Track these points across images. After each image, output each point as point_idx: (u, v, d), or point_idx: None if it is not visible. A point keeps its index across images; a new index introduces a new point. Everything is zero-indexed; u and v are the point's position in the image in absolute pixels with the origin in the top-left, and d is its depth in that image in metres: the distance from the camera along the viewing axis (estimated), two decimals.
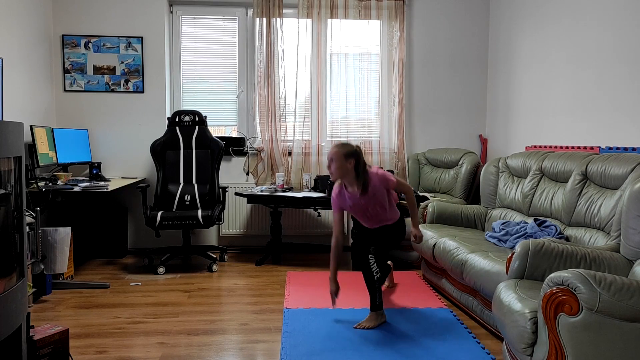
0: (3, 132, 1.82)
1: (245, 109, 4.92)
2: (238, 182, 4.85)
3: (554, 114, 3.88)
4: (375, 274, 2.94)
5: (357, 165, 2.92)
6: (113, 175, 4.70)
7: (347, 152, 2.90)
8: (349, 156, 2.89)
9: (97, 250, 4.54)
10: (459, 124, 5.05)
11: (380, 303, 2.96)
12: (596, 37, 3.37)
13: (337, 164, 2.91)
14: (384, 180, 2.96)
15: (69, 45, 4.58)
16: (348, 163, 2.90)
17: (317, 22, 4.73)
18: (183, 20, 4.83)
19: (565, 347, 1.77)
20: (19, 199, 2.00)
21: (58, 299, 3.41)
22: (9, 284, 1.90)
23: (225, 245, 4.87)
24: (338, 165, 2.91)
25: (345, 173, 2.92)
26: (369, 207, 3.02)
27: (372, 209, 3.03)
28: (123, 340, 2.73)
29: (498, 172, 3.82)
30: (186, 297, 3.46)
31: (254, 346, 2.66)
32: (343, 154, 2.90)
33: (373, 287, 2.94)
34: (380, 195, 2.98)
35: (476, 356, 2.51)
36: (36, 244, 3.27)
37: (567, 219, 2.97)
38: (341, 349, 2.59)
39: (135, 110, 4.69)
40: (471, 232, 3.55)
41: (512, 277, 2.37)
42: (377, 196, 2.98)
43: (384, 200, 3.01)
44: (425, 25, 4.95)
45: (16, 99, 3.91)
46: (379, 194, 2.97)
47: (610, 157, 2.77)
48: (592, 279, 1.76)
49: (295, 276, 3.92)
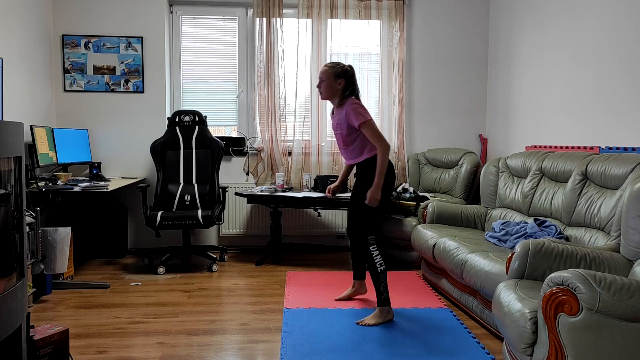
0: (3, 132, 1.82)
1: (245, 109, 4.92)
2: (238, 182, 4.85)
3: (554, 114, 3.88)
4: (379, 265, 2.83)
5: (346, 86, 2.84)
6: (113, 175, 4.70)
7: (338, 72, 2.83)
8: (339, 76, 2.82)
9: (97, 250, 4.54)
10: (459, 124, 5.05)
11: (385, 298, 2.86)
12: (596, 37, 3.37)
13: (327, 82, 2.85)
14: (349, 113, 2.80)
15: (69, 45, 4.58)
16: (337, 83, 2.83)
17: (317, 22, 4.73)
18: (183, 20, 4.83)
19: (565, 347, 1.77)
20: (19, 199, 2.00)
21: (58, 299, 3.41)
22: (9, 284, 1.90)
23: (225, 245, 4.87)
24: (327, 84, 2.85)
25: (334, 93, 2.85)
26: (337, 135, 2.92)
27: (338, 139, 2.93)
28: (123, 340, 2.73)
29: (498, 172, 3.82)
30: (186, 297, 3.46)
31: (254, 346, 2.66)
32: (333, 74, 2.83)
33: (377, 280, 2.84)
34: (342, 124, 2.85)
35: (476, 356, 2.51)
36: (36, 244, 3.28)
37: (567, 219, 2.97)
38: (341, 349, 2.59)
39: (135, 110, 4.69)
40: (471, 232, 3.55)
41: (512, 277, 2.37)
42: (342, 126, 2.86)
43: (346, 134, 2.85)
44: (425, 25, 4.95)
45: (16, 99, 3.91)
46: (343, 125, 2.85)
47: (610, 157, 2.77)
48: (592, 279, 1.76)
49: (295, 276, 3.92)
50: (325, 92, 2.88)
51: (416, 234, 3.67)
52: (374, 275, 2.87)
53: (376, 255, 2.84)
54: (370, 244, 2.86)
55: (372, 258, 2.84)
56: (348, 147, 2.92)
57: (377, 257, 2.84)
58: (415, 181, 4.84)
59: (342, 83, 2.85)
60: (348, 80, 2.86)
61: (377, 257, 2.84)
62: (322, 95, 2.90)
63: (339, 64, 2.88)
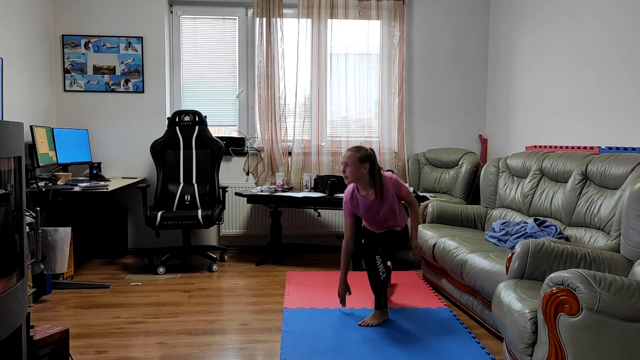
0: (3, 132, 1.82)
1: (245, 109, 4.92)
2: (238, 182, 4.85)
3: (554, 114, 3.88)
4: (382, 274, 2.95)
5: (372, 169, 2.96)
6: (113, 175, 4.70)
7: (362, 156, 2.93)
8: (364, 160, 2.93)
9: (97, 250, 4.54)
10: (459, 124, 5.05)
11: (385, 302, 2.98)
12: (596, 37, 3.37)
13: (352, 167, 2.94)
14: (397, 185, 3.02)
15: (69, 45, 4.58)
16: (363, 167, 2.93)
17: (317, 22, 4.73)
18: (183, 20, 4.83)
19: (565, 347, 1.77)
20: (19, 199, 2.00)
21: (58, 299, 3.41)
22: (9, 284, 1.90)
23: (225, 245, 4.87)
24: (353, 169, 2.94)
25: (360, 177, 2.96)
26: (380, 212, 3.06)
27: (384, 214, 3.07)
28: (123, 340, 2.73)
29: (498, 172, 3.82)
30: (186, 297, 3.46)
31: (254, 346, 2.66)
32: (358, 158, 2.92)
33: (379, 288, 2.96)
34: (392, 200, 3.02)
35: (476, 356, 2.51)
36: (36, 244, 3.28)
37: (567, 219, 2.97)
38: (341, 349, 2.59)
39: (135, 110, 4.69)
40: (471, 232, 3.55)
41: (512, 277, 2.37)
42: (390, 201, 3.02)
43: (394, 206, 3.05)
44: (425, 25, 4.95)
45: (16, 99, 3.91)
46: (391, 199, 3.01)
47: (610, 157, 2.77)
48: (592, 279, 1.76)
49: (295, 276, 3.92)
50: (351, 176, 2.97)
51: None
52: (376, 282, 2.97)
53: (379, 265, 2.97)
54: (377, 254, 2.98)
55: (377, 267, 2.96)
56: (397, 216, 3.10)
57: (380, 267, 2.97)
58: (415, 181, 4.84)
59: (367, 167, 2.95)
60: (372, 163, 2.97)
61: (380, 267, 2.97)
62: (348, 180, 2.99)
63: (363, 148, 2.98)
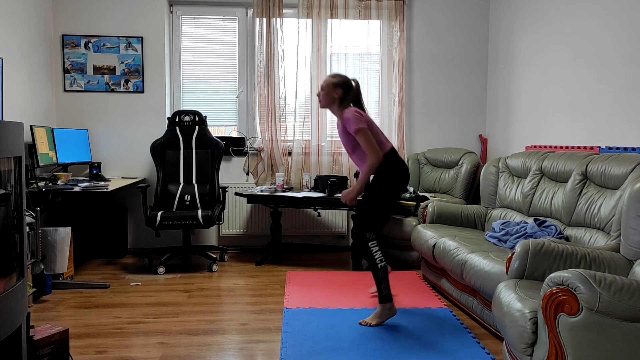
0: (3, 132, 1.82)
1: (245, 109, 4.92)
2: (238, 182, 4.85)
3: (554, 114, 3.88)
4: (379, 262, 2.83)
5: (344, 96, 2.93)
6: (113, 175, 4.70)
7: (337, 82, 2.93)
8: (338, 85, 2.92)
9: (97, 250, 4.54)
10: (459, 124, 5.05)
11: (387, 294, 2.85)
12: (596, 37, 3.37)
13: (325, 91, 2.95)
14: (347, 119, 2.84)
15: (69, 45, 4.58)
16: (335, 92, 2.92)
17: (317, 22, 4.73)
18: (183, 20, 4.83)
19: (565, 347, 1.77)
20: (19, 199, 2.00)
21: (58, 299, 3.41)
22: (9, 284, 1.90)
23: (225, 245, 4.87)
24: (325, 92, 2.95)
25: (331, 102, 2.95)
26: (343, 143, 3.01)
27: (345, 147, 3.02)
28: (123, 340, 2.73)
29: (498, 172, 3.82)
30: (186, 297, 3.46)
31: (254, 346, 2.66)
32: (332, 83, 2.93)
33: (377, 276, 2.84)
34: (344, 135, 2.95)
35: (476, 356, 2.51)
36: (36, 244, 3.28)
37: (567, 219, 2.97)
38: (341, 348, 2.59)
39: (135, 110, 4.69)
40: (471, 232, 3.55)
41: (512, 277, 2.37)
42: (342, 135, 2.97)
43: (349, 144, 2.96)
44: (425, 25, 4.95)
45: (16, 99, 3.91)
46: (342, 134, 2.96)
47: (610, 157, 2.77)
48: (592, 279, 1.76)
49: (295, 276, 3.92)
50: (323, 100, 2.98)
51: (416, 234, 3.67)
52: (374, 271, 2.86)
53: (376, 252, 2.85)
54: (369, 239, 2.86)
55: (372, 254, 2.85)
56: (354, 153, 3.00)
57: (376, 253, 2.84)
58: (415, 181, 4.84)
59: (340, 93, 2.93)
60: (346, 90, 2.94)
61: (376, 253, 2.84)
62: (321, 103, 3.00)
63: (343, 76, 2.97)
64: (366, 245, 2.86)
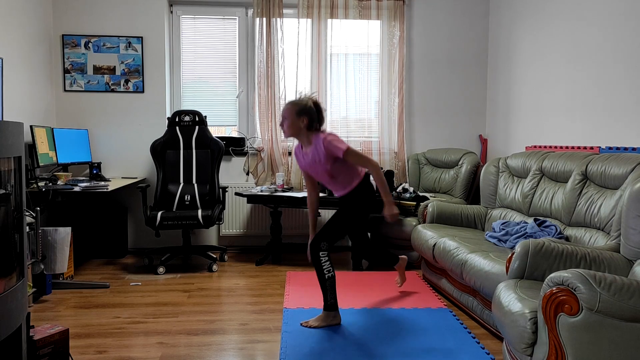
0: (3, 132, 1.82)
1: (245, 109, 4.92)
2: (238, 182, 4.85)
3: (554, 114, 3.88)
4: (327, 272, 2.81)
5: (310, 124, 2.77)
6: (113, 175, 4.70)
7: (300, 109, 2.75)
8: (301, 113, 2.75)
9: (97, 250, 4.54)
10: (459, 124, 5.05)
11: (332, 303, 2.85)
12: (596, 37, 3.37)
13: (289, 120, 2.78)
14: (329, 147, 2.73)
15: (69, 45, 4.58)
16: (300, 121, 2.76)
17: (317, 22, 4.73)
18: (183, 20, 4.83)
19: (565, 347, 1.77)
20: (19, 199, 2.00)
21: (58, 299, 3.41)
22: (9, 284, 1.90)
23: (225, 245, 4.87)
24: (290, 122, 2.78)
25: (298, 131, 2.78)
26: (318, 172, 2.86)
27: (321, 176, 2.87)
28: (123, 340, 2.73)
29: (498, 172, 3.82)
30: (186, 297, 3.46)
31: (254, 346, 2.66)
32: (296, 111, 2.75)
33: (324, 286, 2.83)
34: (326, 161, 2.78)
35: (476, 356, 2.51)
36: (36, 244, 3.27)
37: (567, 219, 2.97)
38: (341, 349, 2.59)
39: (135, 110, 4.69)
40: (471, 232, 3.55)
41: (512, 277, 2.37)
42: (323, 162, 2.79)
43: (332, 168, 2.81)
44: (425, 25, 4.95)
45: (16, 99, 3.91)
46: (324, 160, 2.78)
47: (610, 157, 2.77)
48: (592, 279, 1.76)
49: (295, 276, 3.92)
50: (288, 130, 2.81)
51: (416, 234, 3.67)
52: (321, 281, 2.85)
53: (325, 262, 2.83)
54: (321, 249, 2.83)
55: (321, 264, 2.82)
56: (337, 179, 2.88)
57: (325, 264, 2.83)
58: (415, 181, 4.84)
59: (306, 121, 2.77)
60: (312, 116, 2.79)
61: (325, 264, 2.83)
62: (285, 134, 2.83)
63: (302, 101, 2.80)
64: (317, 254, 2.82)
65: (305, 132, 2.80)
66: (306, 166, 2.91)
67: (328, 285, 2.84)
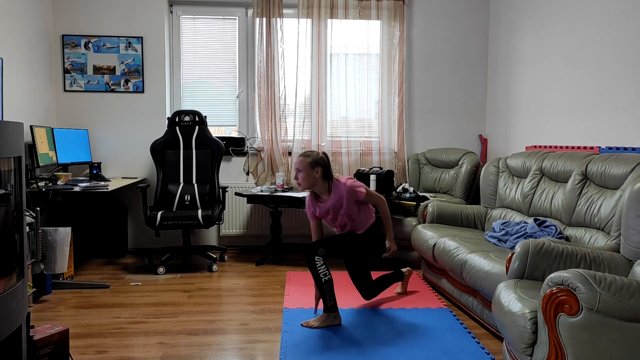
0: (3, 132, 1.82)
1: (245, 109, 4.92)
2: (238, 182, 4.85)
3: (554, 114, 3.88)
4: (323, 276, 2.87)
5: (325, 173, 2.93)
6: (113, 175, 4.70)
7: (313, 161, 2.90)
8: (315, 165, 2.90)
9: (97, 250, 4.54)
10: (459, 124, 5.05)
11: (332, 305, 2.90)
12: (596, 37, 3.37)
13: (304, 173, 2.91)
14: (351, 191, 2.93)
15: (69, 45, 4.58)
16: (315, 172, 2.90)
17: (317, 22, 4.73)
18: (183, 20, 4.83)
19: (565, 347, 1.77)
20: (19, 199, 2.00)
21: (58, 299, 3.41)
22: (9, 284, 1.90)
23: (225, 245, 4.87)
24: (305, 175, 2.91)
25: (313, 182, 2.93)
26: (337, 217, 3.01)
27: (341, 219, 3.02)
28: (123, 340, 2.73)
29: (498, 172, 3.82)
30: (186, 297, 3.46)
31: (254, 346, 2.66)
32: (309, 163, 2.90)
33: (322, 289, 2.88)
34: (348, 205, 2.95)
35: (476, 356, 2.51)
36: (36, 244, 3.28)
37: (567, 219, 2.97)
38: (341, 348, 2.59)
39: (135, 110, 4.69)
40: (471, 232, 3.55)
41: (512, 277, 2.37)
42: (345, 206, 2.95)
43: (352, 211, 2.98)
44: (425, 25, 4.95)
45: (16, 99, 3.91)
46: (346, 204, 2.95)
47: (610, 157, 2.77)
48: (592, 279, 1.76)
49: (295, 276, 3.92)
50: (304, 182, 2.94)
51: (416, 234, 3.67)
52: (319, 285, 2.88)
53: (320, 266, 2.87)
54: (317, 254, 2.88)
55: (317, 268, 2.87)
56: (355, 221, 3.03)
57: (320, 268, 2.87)
58: (415, 181, 4.84)
59: (320, 171, 2.92)
60: (324, 166, 2.93)
61: (320, 268, 2.87)
62: (302, 186, 2.96)
63: (314, 153, 2.95)
64: (312, 258, 2.87)
65: (321, 182, 2.94)
66: (323, 213, 3.03)
67: (326, 288, 2.88)
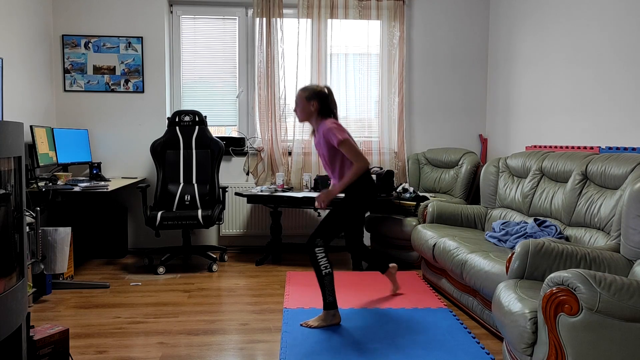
0: (3, 132, 1.82)
1: (245, 109, 4.92)
2: (238, 182, 4.85)
3: (554, 114, 3.88)
4: (324, 268, 2.80)
5: (321, 107, 2.89)
6: (113, 175, 4.70)
7: (309, 94, 2.89)
8: (311, 98, 2.89)
9: (97, 250, 4.54)
10: (459, 123, 5.05)
11: (331, 301, 2.83)
12: (596, 37, 3.37)
13: (300, 106, 2.92)
14: (327, 134, 2.83)
15: (69, 45, 4.58)
16: (311, 105, 2.88)
17: (317, 22, 4.73)
18: (183, 20, 4.83)
19: (565, 347, 1.77)
20: (19, 199, 2.00)
21: (58, 299, 3.41)
22: (9, 284, 1.90)
23: (225, 245, 4.87)
24: (301, 107, 2.92)
25: (309, 115, 2.92)
26: (320, 156, 2.98)
27: (322, 160, 2.99)
28: (123, 340, 2.73)
29: (498, 172, 3.82)
30: (186, 297, 3.46)
31: (254, 346, 2.66)
32: (305, 96, 2.90)
33: (322, 283, 2.82)
34: (325, 147, 2.88)
35: (476, 356, 2.51)
36: (36, 244, 3.28)
37: (567, 219, 2.97)
38: (341, 348, 2.59)
39: (135, 110, 4.69)
40: (471, 232, 3.55)
41: (512, 277, 2.37)
42: (322, 147, 2.91)
43: (327, 155, 2.90)
44: (425, 25, 4.95)
45: (16, 99, 3.91)
46: (323, 146, 2.89)
47: (610, 157, 2.77)
48: (592, 279, 1.76)
49: (295, 276, 3.92)
50: (300, 115, 2.95)
51: (416, 234, 3.67)
52: (319, 278, 2.83)
53: (321, 258, 2.80)
54: (317, 245, 2.82)
55: (317, 260, 2.80)
56: (334, 168, 2.95)
57: (322, 260, 2.80)
58: (415, 181, 4.84)
59: (316, 104, 2.90)
60: (322, 101, 2.90)
61: (322, 260, 2.80)
62: (299, 118, 2.97)
63: (313, 86, 2.94)
64: (312, 250, 2.81)
65: (316, 117, 2.92)
66: (316, 148, 3.02)
67: (326, 282, 2.83)
